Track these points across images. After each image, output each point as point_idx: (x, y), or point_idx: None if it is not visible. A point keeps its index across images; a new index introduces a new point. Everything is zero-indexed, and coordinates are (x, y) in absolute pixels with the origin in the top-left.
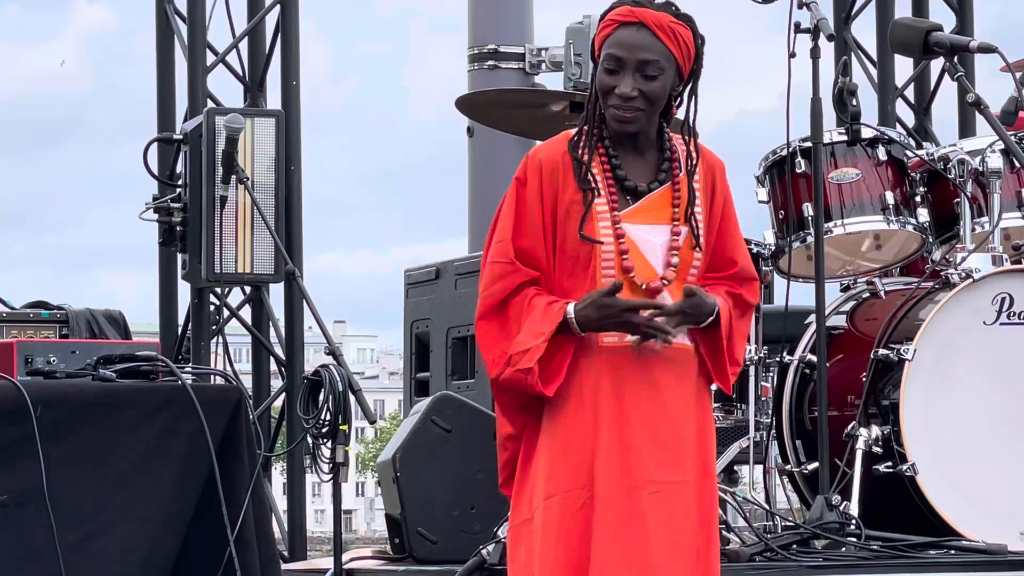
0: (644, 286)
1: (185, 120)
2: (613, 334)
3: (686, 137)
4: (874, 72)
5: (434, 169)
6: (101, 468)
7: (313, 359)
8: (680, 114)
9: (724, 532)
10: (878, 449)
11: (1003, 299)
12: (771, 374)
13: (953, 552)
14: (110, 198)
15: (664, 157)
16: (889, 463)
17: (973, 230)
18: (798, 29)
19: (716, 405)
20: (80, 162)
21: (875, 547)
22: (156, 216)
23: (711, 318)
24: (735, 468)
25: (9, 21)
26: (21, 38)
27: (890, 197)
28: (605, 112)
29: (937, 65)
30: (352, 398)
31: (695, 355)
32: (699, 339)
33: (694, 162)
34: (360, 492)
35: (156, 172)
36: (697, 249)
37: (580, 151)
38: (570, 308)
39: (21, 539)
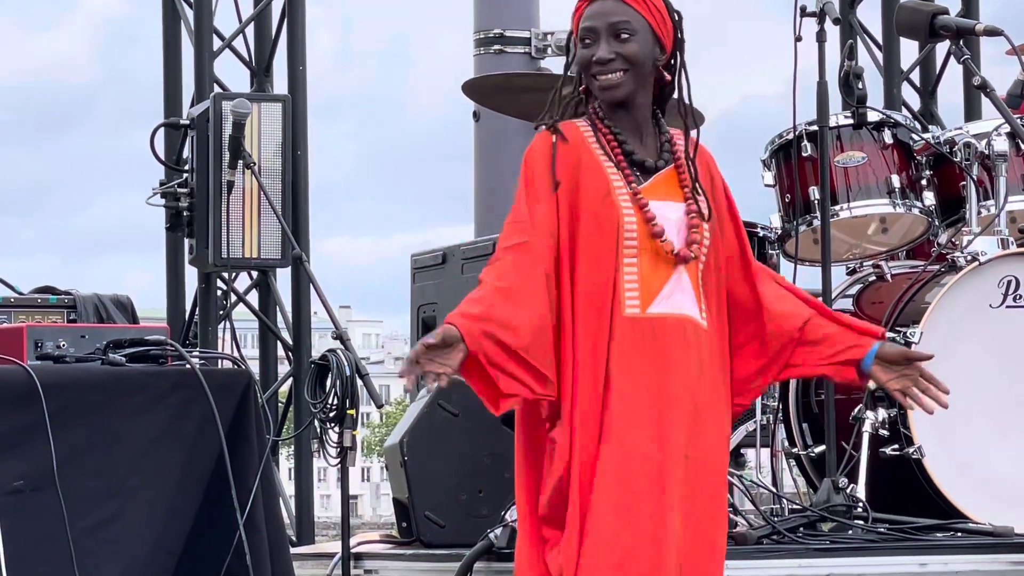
0: (675, 253)
1: (192, 105)
2: (635, 303)
3: (682, 110)
4: (880, 55)
5: (440, 154)
6: (113, 452)
7: (319, 344)
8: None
9: (731, 515)
10: (885, 432)
11: (1009, 282)
12: None
13: (960, 534)
14: (117, 184)
15: (664, 140)
16: (896, 446)
17: (979, 213)
18: (804, 13)
19: None
20: (87, 148)
21: (882, 530)
22: (163, 201)
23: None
24: (742, 451)
25: (17, 6)
26: (29, 23)
27: (896, 180)
28: (592, 88)
29: (942, 48)
30: (359, 382)
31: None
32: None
33: (695, 139)
34: (366, 477)
35: (163, 157)
36: (706, 226)
37: (585, 125)
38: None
39: (38, 524)
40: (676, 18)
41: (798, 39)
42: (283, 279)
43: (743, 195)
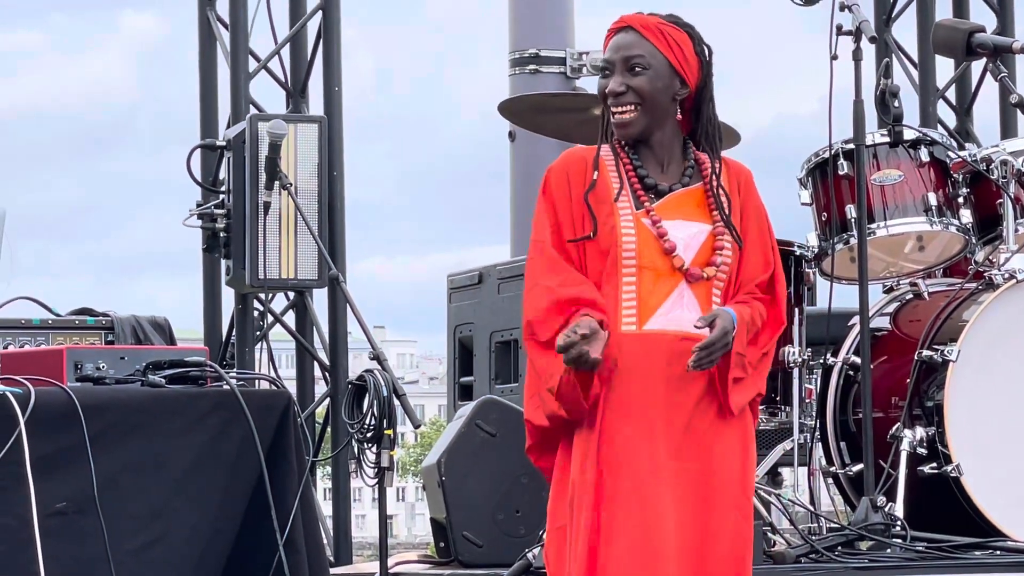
0: (684, 269)
1: (228, 127)
2: (632, 320)
3: (704, 144)
4: (915, 73)
5: (476, 173)
6: (155, 474)
7: (354, 364)
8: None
9: (769, 534)
10: (923, 450)
11: None
12: (815, 376)
13: (999, 553)
14: (154, 205)
15: (688, 164)
16: (934, 464)
17: (1016, 231)
18: (840, 31)
19: (760, 407)
20: (125, 169)
21: (920, 548)
22: (200, 222)
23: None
24: (779, 470)
25: (56, 29)
26: (68, 46)
27: (933, 198)
28: (612, 120)
29: (977, 66)
30: (396, 402)
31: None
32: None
33: (718, 168)
34: (401, 497)
35: (199, 179)
36: (731, 249)
37: (599, 152)
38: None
39: (81, 546)
40: (706, 53)
41: (834, 57)
42: (319, 299)
43: (779, 214)
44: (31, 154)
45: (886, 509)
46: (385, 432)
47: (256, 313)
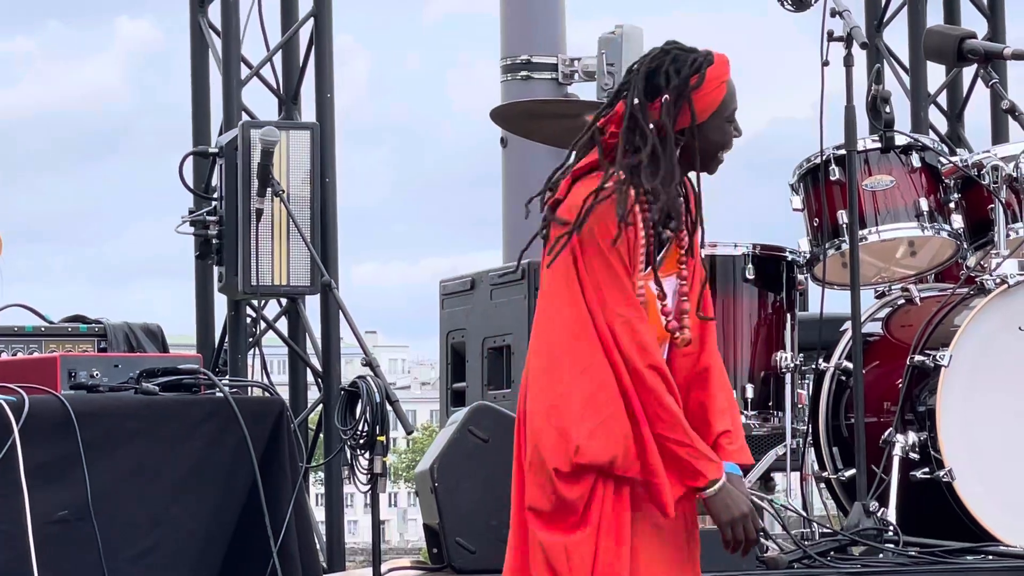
0: (678, 336)
1: (220, 134)
2: None
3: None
4: (906, 79)
5: (469, 179)
6: (151, 481)
7: (346, 370)
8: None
9: (762, 539)
10: (915, 455)
11: None
12: (807, 381)
13: (991, 557)
14: (148, 212)
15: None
16: (926, 469)
17: (1007, 236)
18: (831, 37)
19: (753, 413)
20: (118, 176)
21: (913, 553)
22: (192, 229)
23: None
24: (771, 475)
25: (51, 36)
26: (63, 53)
27: (924, 204)
28: (707, 163)
29: (969, 72)
30: (389, 408)
31: None
32: None
33: (699, 205)
34: (393, 502)
35: (192, 186)
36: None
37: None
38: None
39: (77, 554)
40: None
41: (825, 63)
42: (312, 306)
43: (771, 219)
44: (25, 160)
45: (878, 514)
46: (378, 438)
47: (249, 320)
